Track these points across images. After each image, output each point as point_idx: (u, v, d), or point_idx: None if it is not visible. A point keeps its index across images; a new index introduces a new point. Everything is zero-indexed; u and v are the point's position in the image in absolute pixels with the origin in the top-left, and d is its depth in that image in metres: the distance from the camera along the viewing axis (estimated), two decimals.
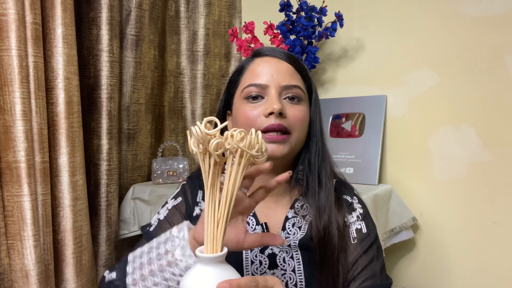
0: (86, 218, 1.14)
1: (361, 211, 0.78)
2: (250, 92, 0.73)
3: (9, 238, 0.96)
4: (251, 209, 0.60)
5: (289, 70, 0.75)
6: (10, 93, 0.95)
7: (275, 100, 0.71)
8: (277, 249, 0.73)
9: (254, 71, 0.76)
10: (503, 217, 1.15)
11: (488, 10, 1.16)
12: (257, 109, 0.72)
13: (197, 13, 1.54)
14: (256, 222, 0.76)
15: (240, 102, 0.75)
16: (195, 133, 0.48)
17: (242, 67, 0.79)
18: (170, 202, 0.81)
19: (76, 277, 1.09)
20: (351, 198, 0.79)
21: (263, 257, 0.73)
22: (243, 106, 0.74)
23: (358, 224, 0.76)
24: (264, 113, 0.71)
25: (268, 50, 0.78)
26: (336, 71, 1.42)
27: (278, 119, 0.71)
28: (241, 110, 0.74)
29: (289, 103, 0.74)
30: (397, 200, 1.23)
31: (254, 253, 0.73)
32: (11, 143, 0.95)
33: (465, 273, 1.21)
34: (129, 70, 1.35)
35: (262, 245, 0.59)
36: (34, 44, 0.98)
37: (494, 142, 1.16)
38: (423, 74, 1.26)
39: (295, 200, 0.79)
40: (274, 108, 0.70)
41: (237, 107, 0.76)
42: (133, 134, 1.38)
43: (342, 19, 1.24)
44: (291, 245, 0.73)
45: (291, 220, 0.76)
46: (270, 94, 0.72)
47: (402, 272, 1.31)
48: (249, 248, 0.59)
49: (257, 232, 0.74)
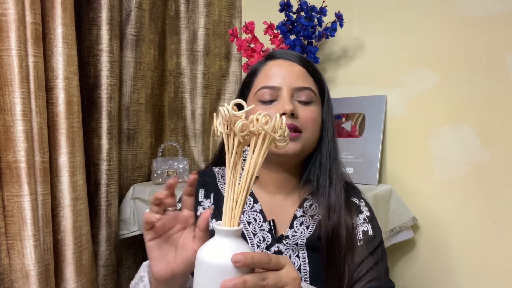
0: (86, 218, 1.14)
1: (368, 214, 0.79)
2: (263, 95, 0.75)
3: (9, 238, 0.96)
4: (191, 219, 0.59)
5: (301, 72, 0.77)
6: (10, 93, 0.95)
7: (287, 102, 0.73)
8: (283, 247, 0.73)
9: (267, 74, 0.78)
10: (503, 217, 1.15)
11: (488, 10, 1.16)
12: (270, 111, 0.74)
13: (197, 13, 1.54)
14: (263, 219, 0.76)
15: (253, 103, 0.76)
16: (223, 114, 0.51)
17: (256, 70, 0.81)
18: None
19: (76, 277, 1.09)
20: (359, 201, 0.81)
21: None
22: (256, 108, 0.76)
23: (365, 227, 0.77)
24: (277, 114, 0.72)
25: (281, 53, 0.80)
26: (336, 71, 1.42)
27: (290, 119, 0.72)
28: (254, 110, 0.75)
29: (301, 104, 0.75)
30: (397, 200, 1.23)
31: (260, 250, 0.73)
32: (11, 143, 0.95)
33: (465, 273, 1.21)
34: (129, 70, 1.35)
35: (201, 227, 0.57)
36: (34, 44, 0.98)
37: (494, 142, 1.16)
38: (423, 74, 1.26)
39: (304, 199, 0.79)
40: (286, 109, 0.72)
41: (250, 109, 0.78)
42: (133, 134, 1.38)
43: (342, 19, 1.24)
44: (298, 244, 0.73)
45: (299, 219, 0.77)
46: (282, 96, 0.74)
47: (402, 272, 1.31)
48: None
49: (265, 229, 0.75)
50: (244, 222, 0.76)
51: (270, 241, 0.74)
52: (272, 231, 0.75)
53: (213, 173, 0.84)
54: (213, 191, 0.80)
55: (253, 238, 0.74)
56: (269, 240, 0.74)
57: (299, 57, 0.79)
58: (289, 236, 0.75)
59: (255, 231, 0.75)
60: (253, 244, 0.73)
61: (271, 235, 0.74)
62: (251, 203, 0.78)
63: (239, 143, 0.52)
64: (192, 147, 1.58)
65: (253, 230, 0.75)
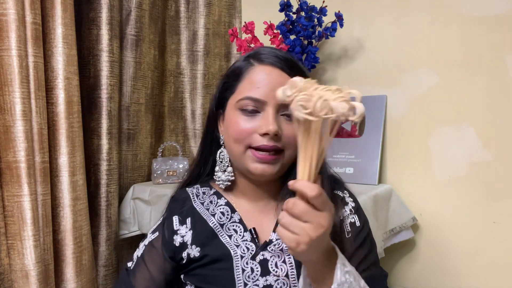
0: (86, 218, 1.14)
1: (353, 205, 0.77)
2: (247, 105, 0.70)
3: (9, 238, 0.96)
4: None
5: None
6: (10, 93, 0.95)
7: (271, 120, 0.68)
8: (269, 254, 0.72)
9: (253, 81, 0.71)
10: (503, 217, 1.15)
11: (488, 10, 1.16)
12: (251, 123, 0.70)
13: (197, 13, 1.54)
14: (243, 228, 0.74)
15: (234, 111, 0.72)
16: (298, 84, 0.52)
17: (241, 72, 0.74)
18: (149, 236, 0.79)
19: (76, 277, 1.09)
20: (343, 193, 0.78)
21: (254, 263, 0.71)
22: (237, 117, 0.71)
23: (352, 218, 0.75)
24: (259, 131, 0.69)
25: (270, 57, 0.73)
26: (336, 71, 1.42)
27: (273, 140, 0.68)
28: (234, 121, 0.72)
29: (286, 120, 0.71)
30: (397, 200, 1.23)
31: (245, 261, 0.71)
32: (11, 143, 0.95)
33: (465, 273, 1.21)
34: (129, 70, 1.35)
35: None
36: (34, 44, 0.98)
37: (494, 142, 1.16)
38: (423, 74, 1.26)
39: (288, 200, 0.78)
40: (270, 130, 0.67)
41: (230, 115, 0.73)
42: (133, 134, 1.38)
43: (342, 19, 1.24)
44: (283, 249, 0.72)
45: None
46: (267, 112, 0.69)
47: (402, 272, 1.31)
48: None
49: (247, 239, 0.73)
50: (225, 236, 0.73)
51: (254, 250, 0.72)
52: (254, 240, 0.73)
53: (187, 195, 0.80)
54: (190, 215, 0.77)
55: (237, 249, 0.72)
56: (253, 250, 0.72)
57: (288, 64, 0.73)
58: (273, 240, 0.73)
59: (237, 242, 0.73)
60: (237, 255, 0.71)
61: (254, 244, 0.73)
62: (229, 214, 0.76)
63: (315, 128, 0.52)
64: (192, 147, 1.58)
65: (235, 242, 0.73)
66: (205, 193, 0.81)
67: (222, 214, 0.76)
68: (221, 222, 0.75)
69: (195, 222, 0.76)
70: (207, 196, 0.80)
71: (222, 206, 0.78)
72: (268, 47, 0.85)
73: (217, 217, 0.76)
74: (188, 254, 0.73)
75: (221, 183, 0.77)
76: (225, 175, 0.76)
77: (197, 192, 0.81)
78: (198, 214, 0.77)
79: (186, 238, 0.75)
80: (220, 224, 0.75)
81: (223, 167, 0.77)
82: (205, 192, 0.81)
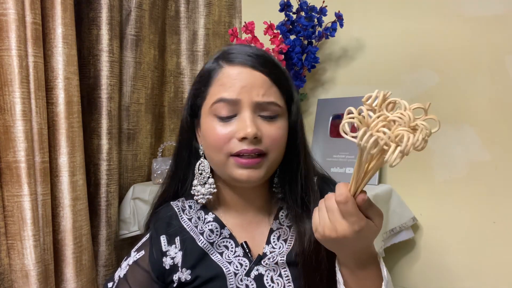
0: (86, 218, 1.14)
1: None
2: (220, 110, 0.66)
3: (9, 238, 0.96)
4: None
5: (264, 83, 0.66)
6: (10, 93, 0.95)
7: (249, 122, 0.64)
8: (263, 269, 0.69)
9: (223, 83, 0.67)
10: (502, 217, 1.15)
11: (488, 10, 1.16)
12: (229, 128, 0.65)
13: (197, 13, 1.54)
14: (235, 244, 0.72)
15: (209, 118, 0.68)
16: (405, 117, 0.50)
17: (210, 76, 0.69)
18: (133, 255, 0.75)
19: (76, 277, 1.09)
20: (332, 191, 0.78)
21: (249, 280, 0.69)
22: (213, 124, 0.67)
23: None
24: (237, 136, 0.64)
25: (240, 56, 0.68)
26: (336, 71, 1.42)
27: (253, 144, 0.64)
28: (211, 128, 0.67)
29: (264, 120, 0.66)
30: (397, 200, 1.23)
31: (239, 278, 0.69)
32: (11, 143, 0.95)
33: (465, 273, 1.21)
34: (129, 70, 1.35)
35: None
36: (34, 44, 0.98)
37: (494, 142, 1.16)
38: (423, 74, 1.26)
39: (279, 209, 0.75)
40: (248, 133, 0.63)
41: (205, 123, 0.69)
42: (133, 134, 1.38)
43: (342, 19, 1.24)
44: (278, 263, 0.69)
45: (276, 233, 0.73)
46: (243, 114, 0.65)
47: (402, 272, 1.31)
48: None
49: (239, 254, 0.71)
50: (215, 254, 0.71)
51: (248, 265, 0.69)
52: (247, 254, 0.70)
53: (173, 212, 0.76)
54: (178, 234, 0.73)
55: (229, 266, 0.69)
56: (246, 266, 0.69)
57: (261, 61, 0.68)
58: (267, 253, 0.70)
59: (230, 259, 0.70)
60: (230, 273, 0.68)
61: (247, 259, 0.70)
62: (218, 230, 0.73)
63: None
64: None
65: (227, 258, 0.70)
66: (191, 207, 0.77)
67: (211, 231, 0.73)
68: (210, 240, 0.72)
69: (184, 241, 0.72)
70: (194, 211, 0.76)
71: (210, 222, 0.74)
72: (238, 44, 0.80)
73: (206, 235, 0.72)
74: (179, 278, 0.70)
75: (201, 198, 0.72)
76: (205, 189, 0.72)
77: (183, 206, 0.77)
78: (186, 232, 0.73)
79: (176, 260, 0.71)
80: (209, 243, 0.72)
81: (203, 179, 0.72)
82: (191, 206, 0.77)
